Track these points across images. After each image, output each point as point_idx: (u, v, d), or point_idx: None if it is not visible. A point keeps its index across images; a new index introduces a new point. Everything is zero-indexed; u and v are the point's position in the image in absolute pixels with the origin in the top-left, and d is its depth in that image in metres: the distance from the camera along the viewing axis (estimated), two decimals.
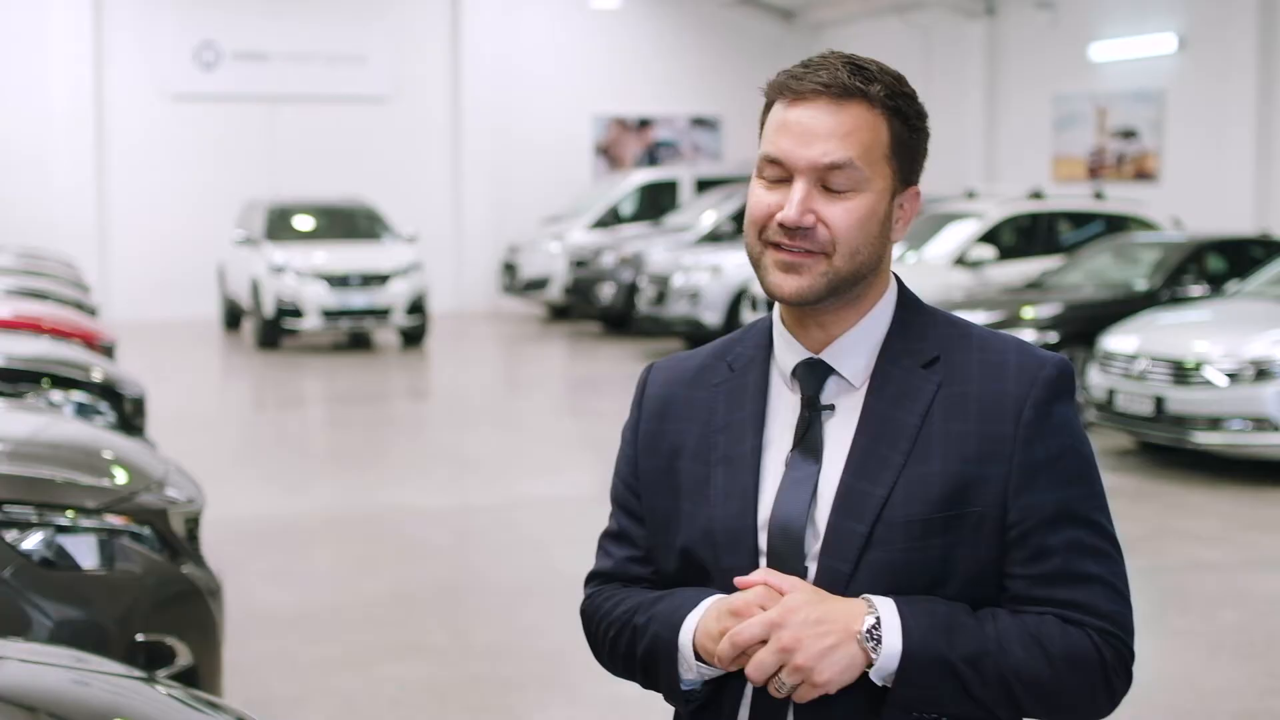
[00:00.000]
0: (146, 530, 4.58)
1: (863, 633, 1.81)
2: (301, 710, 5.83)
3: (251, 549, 8.19)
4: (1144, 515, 8.95)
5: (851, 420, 1.94)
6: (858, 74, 1.88)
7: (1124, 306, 11.85)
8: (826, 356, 1.95)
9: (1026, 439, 1.88)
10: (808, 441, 1.94)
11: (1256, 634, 6.84)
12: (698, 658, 1.91)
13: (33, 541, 4.32)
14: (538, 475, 10.51)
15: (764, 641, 1.82)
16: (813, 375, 1.96)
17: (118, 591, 4.41)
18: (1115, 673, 1.89)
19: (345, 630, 6.85)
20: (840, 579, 1.87)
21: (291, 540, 8.63)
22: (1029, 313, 12.04)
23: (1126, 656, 1.90)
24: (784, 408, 1.98)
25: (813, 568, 1.90)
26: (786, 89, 1.91)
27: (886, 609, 1.83)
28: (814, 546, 1.90)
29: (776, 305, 2.00)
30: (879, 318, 1.97)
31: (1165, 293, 12.27)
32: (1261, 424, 9.75)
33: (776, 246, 1.90)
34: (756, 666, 1.82)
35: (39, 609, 4.18)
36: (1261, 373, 9.77)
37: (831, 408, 1.95)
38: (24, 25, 21.61)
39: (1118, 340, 10.67)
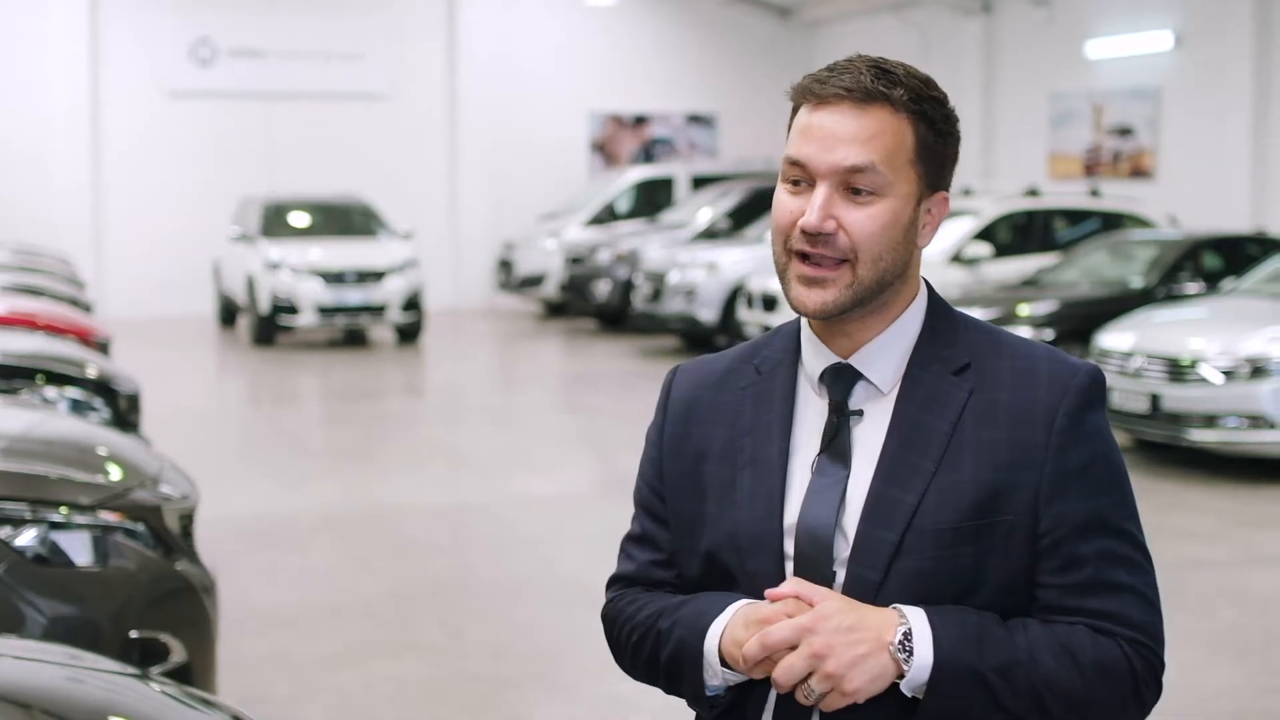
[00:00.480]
0: (140, 527, 4.57)
1: (895, 643, 1.79)
2: (298, 708, 5.81)
3: (247, 546, 8.17)
4: (1140, 513, 8.92)
5: (880, 426, 1.92)
6: (882, 78, 1.87)
7: (1120, 304, 11.84)
8: (855, 361, 1.93)
9: (1059, 447, 1.87)
10: (835, 446, 1.92)
11: (1254, 632, 6.83)
12: (723, 664, 1.89)
13: (26, 538, 4.30)
14: (534, 472, 10.48)
15: (794, 647, 1.79)
16: (840, 380, 1.94)
17: (112, 588, 4.40)
18: (1145, 683, 1.88)
19: (342, 628, 6.83)
20: (870, 587, 1.85)
21: (288, 538, 8.61)
22: (1025, 310, 12.03)
23: (1157, 667, 1.89)
24: (811, 413, 1.96)
25: (841, 574, 1.88)
26: (810, 93, 1.90)
27: (917, 619, 1.81)
28: (843, 552, 1.88)
29: None
30: (909, 324, 1.94)
31: (1161, 290, 12.26)
32: (1257, 421, 9.75)
33: (802, 258, 1.88)
34: (785, 670, 1.79)
35: (33, 606, 4.16)
36: (1257, 370, 9.76)
37: (860, 413, 1.93)
38: (22, 24, 21.56)
39: (1113, 337, 10.66)
